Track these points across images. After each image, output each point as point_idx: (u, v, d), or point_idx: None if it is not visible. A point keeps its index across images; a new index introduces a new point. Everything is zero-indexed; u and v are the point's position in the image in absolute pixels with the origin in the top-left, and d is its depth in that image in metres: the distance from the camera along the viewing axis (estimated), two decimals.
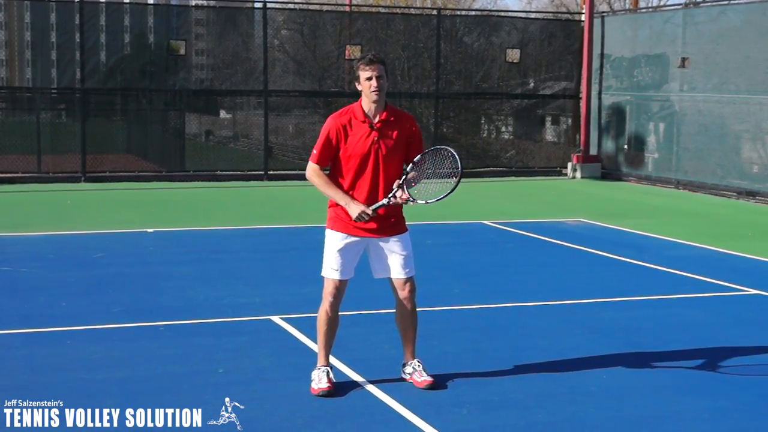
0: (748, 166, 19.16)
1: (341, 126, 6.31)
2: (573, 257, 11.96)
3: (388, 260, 6.42)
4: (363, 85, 6.30)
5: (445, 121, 23.90)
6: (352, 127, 6.31)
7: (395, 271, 6.43)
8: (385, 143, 6.31)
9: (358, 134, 6.29)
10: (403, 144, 6.37)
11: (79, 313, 8.51)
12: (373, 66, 6.25)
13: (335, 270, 6.37)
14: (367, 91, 6.28)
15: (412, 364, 6.59)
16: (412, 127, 6.44)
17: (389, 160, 6.31)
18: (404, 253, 6.42)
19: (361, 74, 6.28)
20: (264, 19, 21.39)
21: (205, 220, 14.75)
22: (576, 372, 6.93)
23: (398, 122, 6.38)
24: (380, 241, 6.40)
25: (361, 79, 6.29)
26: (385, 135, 6.32)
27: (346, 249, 6.38)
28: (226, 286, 9.75)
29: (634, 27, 22.41)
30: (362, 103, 6.36)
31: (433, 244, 12.25)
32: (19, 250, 11.66)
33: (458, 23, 24.73)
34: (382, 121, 6.32)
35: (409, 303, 6.48)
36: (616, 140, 22.77)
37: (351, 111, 6.37)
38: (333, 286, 6.38)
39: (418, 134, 6.46)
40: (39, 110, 20.66)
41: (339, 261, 6.37)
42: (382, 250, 6.42)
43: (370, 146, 6.28)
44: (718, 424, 5.98)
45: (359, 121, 6.31)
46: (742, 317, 8.85)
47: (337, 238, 6.39)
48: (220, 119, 24.06)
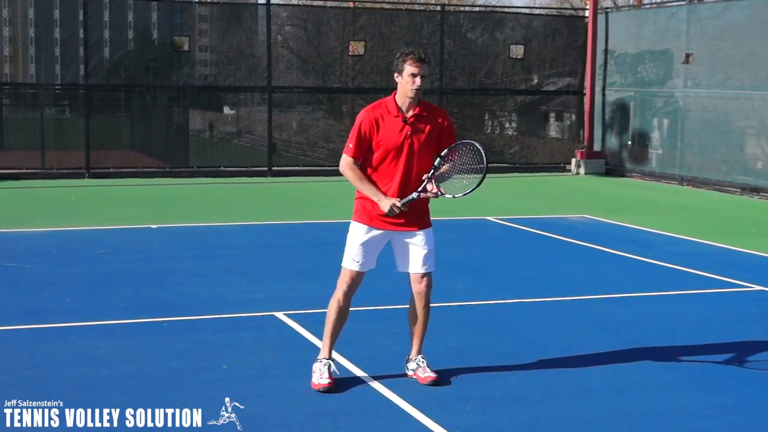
0: (752, 162, 19.13)
1: (374, 119, 6.31)
2: (577, 253, 11.95)
3: (410, 255, 6.43)
4: (404, 80, 6.28)
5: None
6: (385, 120, 6.31)
7: (414, 265, 6.43)
8: (418, 137, 6.31)
9: (391, 128, 6.29)
10: (435, 138, 6.38)
11: (82, 309, 8.51)
12: (421, 64, 6.25)
13: (356, 262, 6.38)
14: (408, 86, 6.26)
15: (417, 360, 6.58)
16: (445, 121, 6.44)
17: (421, 154, 6.32)
18: (426, 248, 6.44)
19: (407, 68, 6.26)
20: (268, 15, 21.40)
21: (209, 216, 14.75)
22: (579, 368, 6.93)
23: (431, 117, 6.39)
24: (404, 235, 6.41)
25: (404, 73, 6.27)
26: (417, 129, 6.31)
27: (370, 242, 6.38)
28: (230, 282, 9.75)
29: (638, 23, 22.38)
30: (396, 97, 6.36)
31: (437, 240, 12.19)
32: (23, 246, 11.66)
33: (462, 19, 24.70)
34: (415, 116, 6.32)
35: (423, 299, 6.47)
36: (620, 136, 22.74)
37: (384, 105, 6.37)
38: (350, 276, 6.39)
39: (451, 128, 6.47)
40: (43, 106, 20.67)
41: (361, 253, 6.37)
42: (406, 245, 6.43)
43: (402, 140, 6.28)
44: (722, 420, 5.97)
45: (392, 116, 6.31)
46: (745, 314, 8.84)
47: (361, 231, 6.39)
48: (223, 115, 24.07)
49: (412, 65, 6.25)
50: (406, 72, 6.27)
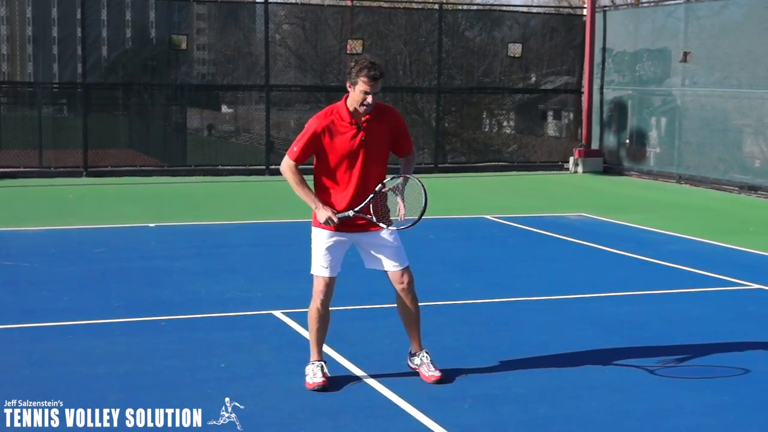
0: (750, 161, 19.14)
1: (325, 126, 6.25)
2: (575, 252, 11.95)
3: (379, 254, 6.41)
4: (356, 94, 6.21)
5: (446, 116, 23.89)
6: (338, 127, 6.25)
7: (389, 264, 6.41)
8: (372, 142, 6.27)
9: (344, 135, 6.24)
10: (392, 140, 6.37)
11: (80, 307, 8.50)
12: (375, 84, 6.16)
13: (324, 267, 6.37)
14: (358, 102, 6.20)
15: (421, 356, 6.56)
16: (397, 120, 6.41)
17: (376, 158, 6.29)
18: (394, 244, 6.40)
19: (360, 85, 6.17)
20: (266, 14, 21.37)
21: (207, 214, 14.74)
22: (578, 366, 6.93)
23: (384, 119, 6.34)
24: (367, 236, 6.39)
25: (356, 88, 6.19)
26: (371, 134, 6.27)
27: (334, 246, 6.38)
28: (228, 280, 9.74)
29: (636, 21, 22.38)
30: (347, 103, 6.30)
31: (435, 239, 12.24)
32: (20, 245, 11.66)
33: (460, 18, 24.69)
34: (367, 121, 6.28)
35: (408, 294, 6.46)
36: (618, 135, 22.74)
37: (336, 111, 6.30)
38: (323, 284, 6.38)
39: (404, 127, 6.46)
40: (41, 105, 20.65)
41: (327, 258, 6.37)
42: (371, 245, 6.41)
43: (357, 146, 6.24)
44: (720, 418, 5.97)
45: (345, 122, 6.26)
46: (744, 312, 8.84)
47: (323, 236, 6.40)
48: (221, 114, 24.05)
49: (365, 84, 6.16)
50: (358, 88, 6.18)
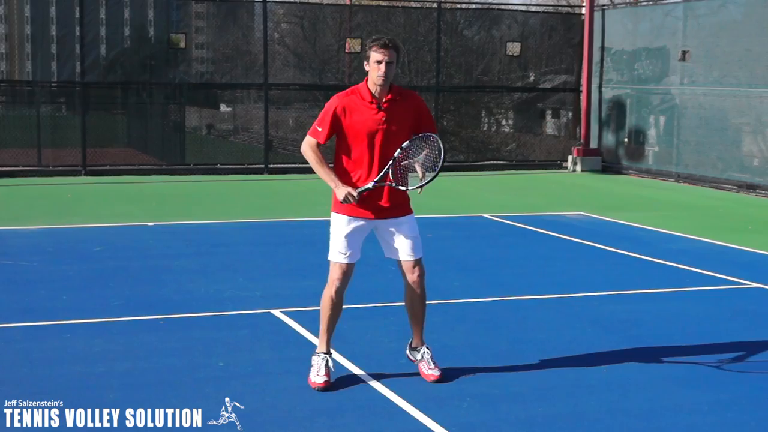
0: (748, 160, 19.15)
1: (345, 106, 6.25)
2: (573, 251, 11.96)
3: (396, 243, 6.39)
4: (371, 67, 6.20)
5: (445, 115, 23.88)
6: (359, 107, 6.25)
7: (404, 253, 6.39)
8: (393, 123, 6.25)
9: (365, 114, 6.23)
10: (413, 121, 6.33)
11: (79, 306, 8.50)
12: (386, 51, 6.15)
13: (343, 254, 6.32)
14: (374, 74, 6.19)
15: (422, 351, 6.56)
16: (421, 104, 6.40)
17: (397, 138, 6.26)
18: (412, 234, 6.40)
19: (372, 55, 6.17)
20: (264, 13, 21.36)
21: (206, 213, 14.74)
22: (576, 365, 6.94)
23: (405, 101, 6.32)
24: (387, 223, 6.37)
25: (370, 60, 6.19)
26: (392, 114, 6.26)
27: (353, 232, 6.34)
28: (227, 279, 9.74)
29: (634, 20, 22.38)
30: (368, 84, 6.29)
31: (433, 238, 12.24)
32: (19, 244, 11.65)
33: (459, 16, 24.69)
34: (389, 101, 6.26)
35: (418, 286, 6.45)
36: (616, 133, 22.75)
37: (357, 91, 6.31)
38: (341, 270, 6.33)
39: (426, 109, 6.43)
40: (39, 104, 20.64)
41: (346, 244, 6.32)
42: (390, 233, 6.39)
43: (378, 126, 6.23)
44: (718, 416, 5.98)
45: (366, 102, 6.25)
46: (742, 310, 8.85)
47: (343, 222, 6.34)
48: (220, 113, 24.04)
49: (376, 51, 6.15)
50: (372, 59, 6.18)
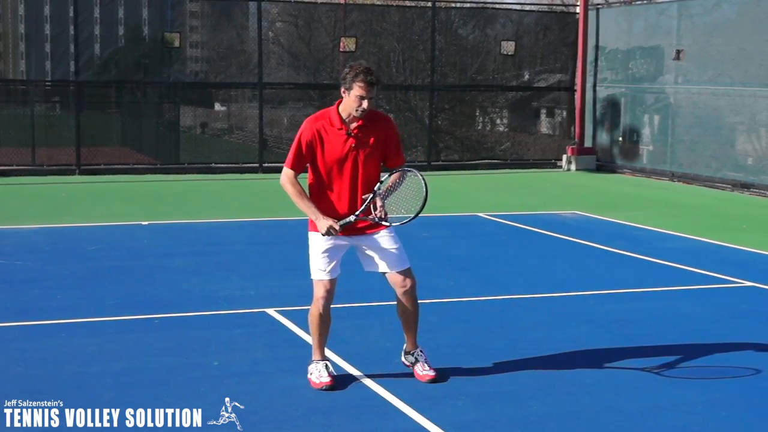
0: (742, 159, 19.18)
1: (317, 131, 6.22)
2: (568, 249, 11.97)
3: (380, 257, 6.35)
4: (351, 99, 6.14)
5: (440, 114, 23.89)
6: (329, 133, 6.22)
7: (390, 266, 6.34)
8: (363, 149, 6.22)
9: (335, 141, 6.21)
10: (381, 146, 6.29)
11: (73, 305, 8.50)
12: (371, 89, 6.10)
13: (324, 271, 6.29)
14: (353, 107, 6.14)
15: (416, 354, 6.55)
16: (389, 129, 6.34)
17: (367, 165, 6.24)
18: (395, 246, 6.34)
19: (355, 89, 6.10)
20: (259, 12, 21.36)
21: (200, 212, 14.73)
22: (571, 364, 6.94)
23: (374, 126, 6.27)
24: (366, 239, 6.34)
25: (352, 93, 6.13)
26: (362, 141, 6.22)
27: (332, 249, 6.31)
28: (221, 278, 9.74)
29: (629, 19, 22.40)
30: (339, 109, 6.25)
31: (428, 237, 12.25)
32: (13, 243, 11.64)
33: (453, 15, 24.69)
34: (359, 127, 6.22)
35: (410, 296, 6.40)
36: (611, 132, 22.78)
37: (327, 116, 6.26)
38: (324, 287, 6.29)
39: (395, 135, 6.38)
40: (33, 103, 20.62)
41: (326, 262, 6.30)
42: (371, 249, 6.35)
43: (347, 152, 6.20)
44: (713, 415, 5.99)
45: (335, 128, 6.22)
46: (736, 309, 8.87)
47: (321, 240, 6.32)
48: (214, 112, 24.02)
49: (361, 89, 6.09)
50: (354, 92, 6.11)
